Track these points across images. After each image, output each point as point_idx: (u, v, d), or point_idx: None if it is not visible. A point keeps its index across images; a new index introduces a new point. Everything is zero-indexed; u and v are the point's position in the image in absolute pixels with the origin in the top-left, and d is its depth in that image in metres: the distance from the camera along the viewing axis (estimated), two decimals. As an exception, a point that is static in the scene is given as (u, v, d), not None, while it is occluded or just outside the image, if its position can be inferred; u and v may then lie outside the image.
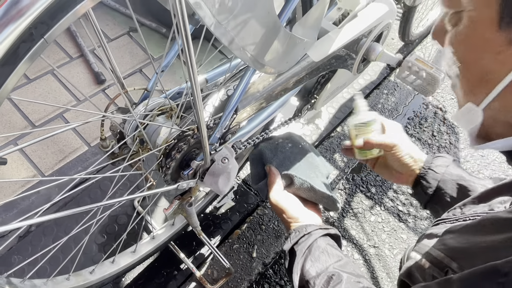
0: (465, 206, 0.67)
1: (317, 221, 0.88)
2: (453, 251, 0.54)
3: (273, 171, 0.91)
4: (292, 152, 1.00)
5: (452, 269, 0.52)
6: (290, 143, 1.02)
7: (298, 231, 0.81)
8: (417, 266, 0.62)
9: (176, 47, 0.81)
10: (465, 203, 0.68)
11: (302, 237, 0.79)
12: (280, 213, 0.88)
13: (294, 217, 0.86)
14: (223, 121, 0.73)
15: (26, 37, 0.41)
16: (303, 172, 0.95)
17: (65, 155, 1.33)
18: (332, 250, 0.77)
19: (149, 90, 0.80)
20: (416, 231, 1.42)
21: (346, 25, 0.97)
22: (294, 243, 0.79)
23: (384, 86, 1.86)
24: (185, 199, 0.81)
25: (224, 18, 0.54)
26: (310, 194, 0.92)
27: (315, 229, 0.80)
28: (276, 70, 0.74)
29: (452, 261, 0.53)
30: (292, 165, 0.96)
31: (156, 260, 1.21)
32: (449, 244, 0.57)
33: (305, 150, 1.03)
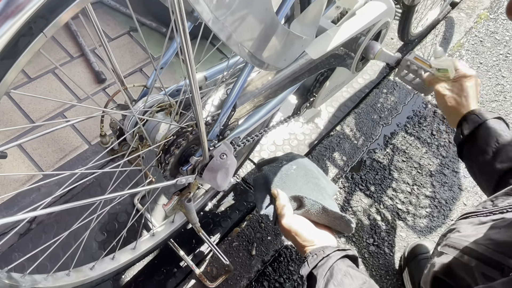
0: (497, 199, 0.66)
1: (333, 242, 0.85)
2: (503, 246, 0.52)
3: (281, 194, 0.89)
4: (297, 175, 0.97)
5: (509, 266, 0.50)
6: (294, 164, 0.99)
7: (315, 254, 0.78)
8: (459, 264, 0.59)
9: (175, 44, 0.82)
10: (497, 196, 0.66)
11: (320, 260, 0.76)
12: (293, 238, 0.85)
13: (309, 240, 0.82)
14: (221, 117, 0.74)
15: (25, 31, 0.42)
16: (311, 193, 0.92)
17: (66, 153, 1.34)
18: (355, 273, 0.74)
19: (148, 87, 0.81)
20: (415, 230, 1.43)
21: (344, 23, 0.98)
22: (313, 267, 0.76)
23: (384, 85, 1.86)
24: (184, 195, 0.81)
25: (222, 13, 0.55)
26: (322, 216, 0.89)
27: (333, 251, 0.77)
28: (274, 67, 0.75)
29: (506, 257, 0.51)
30: (299, 187, 0.93)
31: (155, 258, 1.21)
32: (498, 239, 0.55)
33: (310, 171, 1.00)
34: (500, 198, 0.64)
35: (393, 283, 1.29)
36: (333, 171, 1.52)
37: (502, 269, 0.50)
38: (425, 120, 1.79)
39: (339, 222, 0.89)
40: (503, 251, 0.52)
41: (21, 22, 0.41)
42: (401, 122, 1.77)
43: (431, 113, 1.82)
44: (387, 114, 1.76)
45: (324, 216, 0.88)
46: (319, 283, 0.73)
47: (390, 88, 1.86)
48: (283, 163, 0.98)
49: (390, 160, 1.62)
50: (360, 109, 1.74)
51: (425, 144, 1.70)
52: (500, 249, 0.53)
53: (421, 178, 1.58)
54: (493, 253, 0.53)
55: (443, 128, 1.77)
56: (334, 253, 0.77)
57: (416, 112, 1.81)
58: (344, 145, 1.60)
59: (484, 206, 0.65)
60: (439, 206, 1.51)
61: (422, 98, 1.88)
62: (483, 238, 0.57)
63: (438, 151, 1.68)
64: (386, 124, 1.73)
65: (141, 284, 1.17)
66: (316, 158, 1.54)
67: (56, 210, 0.57)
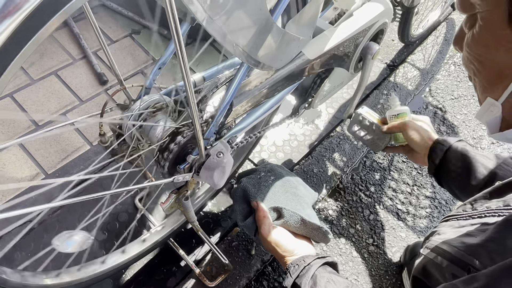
0: (476, 202, 0.67)
1: (312, 251, 0.87)
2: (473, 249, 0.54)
3: (260, 206, 0.90)
4: (276, 185, 0.98)
5: (474, 267, 0.52)
6: (272, 175, 1.01)
7: (297, 265, 0.80)
8: (433, 264, 0.61)
9: (173, 45, 0.83)
10: (476, 199, 0.68)
11: (302, 269, 0.78)
12: (274, 248, 0.87)
13: (289, 250, 0.84)
14: (218, 116, 0.74)
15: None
16: (290, 204, 0.93)
17: (68, 154, 1.35)
18: (338, 278, 0.75)
19: (147, 87, 0.82)
20: (415, 230, 1.43)
21: (342, 24, 0.99)
22: (295, 277, 0.78)
23: (384, 86, 1.87)
24: (182, 193, 0.82)
25: (216, 13, 0.56)
26: (300, 227, 0.90)
27: (314, 259, 0.79)
28: (270, 66, 0.76)
29: (473, 259, 0.53)
30: (278, 198, 0.95)
31: (155, 257, 1.22)
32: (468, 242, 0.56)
33: (288, 181, 1.01)
34: (479, 202, 0.65)
35: (393, 283, 1.30)
36: (333, 171, 1.52)
37: (468, 269, 0.53)
38: (426, 121, 1.79)
39: (317, 233, 0.92)
40: (471, 253, 0.54)
41: (19, 20, 0.42)
42: (401, 123, 1.77)
43: (432, 114, 1.82)
44: (388, 115, 1.76)
45: (302, 227, 0.90)
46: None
47: (391, 90, 1.86)
48: (261, 174, 1.00)
49: (390, 160, 1.62)
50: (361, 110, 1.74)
51: (425, 145, 1.70)
52: (469, 251, 0.55)
53: (421, 178, 1.58)
54: (463, 254, 0.55)
55: (444, 129, 1.77)
56: (314, 261, 0.79)
57: (416, 113, 1.82)
58: (344, 146, 1.60)
59: (464, 209, 0.66)
60: (439, 206, 1.51)
61: (422, 99, 1.88)
62: (456, 240, 0.59)
63: (439, 152, 1.68)
64: (386, 125, 1.73)
65: (141, 283, 1.18)
66: (316, 159, 1.54)
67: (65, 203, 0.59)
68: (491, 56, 0.49)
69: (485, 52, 0.49)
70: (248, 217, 0.93)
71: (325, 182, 1.49)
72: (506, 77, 0.49)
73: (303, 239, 0.92)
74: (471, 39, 0.50)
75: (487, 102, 0.53)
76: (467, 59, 0.53)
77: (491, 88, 0.52)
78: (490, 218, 0.59)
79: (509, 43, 0.46)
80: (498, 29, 0.46)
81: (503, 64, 0.48)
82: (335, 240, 1.36)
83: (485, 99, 0.53)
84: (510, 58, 0.47)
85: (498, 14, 0.45)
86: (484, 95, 0.53)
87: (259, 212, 0.90)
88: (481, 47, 0.50)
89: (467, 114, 1.85)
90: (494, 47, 0.48)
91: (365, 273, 1.30)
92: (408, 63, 2.00)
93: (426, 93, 1.92)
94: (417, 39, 2.08)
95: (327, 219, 1.41)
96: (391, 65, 2.00)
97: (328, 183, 1.49)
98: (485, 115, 0.54)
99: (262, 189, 0.95)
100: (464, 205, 0.69)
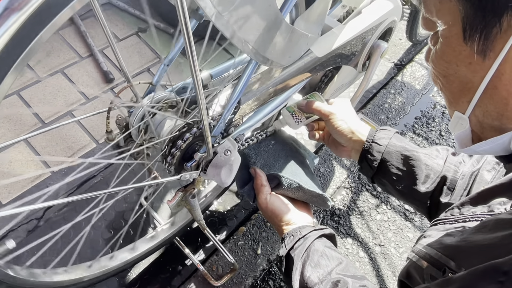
0: (463, 206, 0.67)
1: (309, 221, 0.86)
2: (450, 250, 0.54)
3: (258, 173, 0.89)
4: (275, 150, 0.96)
5: (450, 268, 0.52)
6: (272, 139, 0.98)
7: (292, 235, 0.79)
8: (415, 267, 0.62)
9: (180, 43, 0.83)
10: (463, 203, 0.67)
11: (297, 241, 0.77)
12: (271, 217, 0.86)
13: (285, 220, 0.84)
14: (225, 114, 0.74)
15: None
16: (289, 170, 0.92)
17: (74, 151, 1.35)
18: (331, 253, 0.75)
19: (154, 84, 0.82)
20: (423, 230, 1.41)
21: (350, 21, 0.98)
22: (290, 248, 0.77)
23: (391, 85, 1.85)
24: (188, 191, 0.82)
25: (225, 9, 0.55)
26: (299, 194, 0.89)
27: (310, 231, 0.79)
28: (278, 64, 0.75)
29: (449, 260, 0.53)
30: (277, 164, 0.93)
31: (161, 256, 1.22)
32: (446, 243, 0.57)
33: (288, 145, 0.99)
34: (466, 207, 0.64)
35: (400, 284, 1.28)
36: (340, 171, 1.51)
37: (444, 270, 0.52)
38: (434, 121, 1.78)
39: (316, 199, 0.90)
40: (447, 254, 0.54)
41: (27, 14, 0.42)
42: (409, 122, 1.75)
43: (440, 113, 1.81)
44: (395, 115, 1.75)
45: (301, 194, 0.89)
46: (296, 264, 0.75)
47: (398, 89, 1.85)
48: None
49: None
50: (368, 110, 1.73)
51: (433, 144, 1.69)
52: (446, 252, 0.55)
53: (429, 179, 1.57)
54: (440, 256, 0.55)
55: (452, 129, 1.75)
56: (311, 233, 0.78)
57: (424, 112, 1.80)
58: (351, 145, 1.59)
59: (451, 213, 0.66)
60: (447, 207, 1.49)
61: (430, 98, 1.86)
62: (436, 242, 0.59)
63: (447, 152, 1.67)
64: (393, 124, 1.72)
65: (146, 282, 1.18)
66: (323, 158, 1.53)
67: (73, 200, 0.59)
68: (453, 71, 0.51)
69: (448, 68, 0.51)
70: (247, 184, 0.91)
71: (332, 182, 1.48)
72: (469, 90, 0.50)
73: (303, 205, 0.91)
74: (435, 55, 0.53)
75: (455, 115, 0.54)
76: (433, 74, 0.55)
77: (457, 102, 0.54)
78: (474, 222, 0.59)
79: (467, 59, 0.48)
80: (457, 45, 0.48)
81: (465, 78, 0.50)
82: (341, 240, 1.35)
83: (453, 113, 0.55)
84: (470, 72, 0.49)
85: (454, 31, 0.47)
86: (452, 109, 0.55)
87: (257, 179, 0.88)
88: (443, 63, 0.51)
89: (476, 114, 1.83)
90: (455, 62, 0.50)
91: (372, 274, 1.29)
92: (416, 62, 1.98)
93: (434, 92, 1.90)
94: (425, 38, 2.06)
95: (333, 219, 1.40)
96: (398, 64, 1.99)
97: (334, 182, 1.48)
98: (455, 128, 0.55)
99: (262, 154, 0.93)
100: (452, 209, 0.69)
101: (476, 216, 0.60)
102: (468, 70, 0.49)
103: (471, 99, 0.50)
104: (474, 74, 0.49)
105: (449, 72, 0.52)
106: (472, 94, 0.50)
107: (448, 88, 0.54)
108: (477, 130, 0.54)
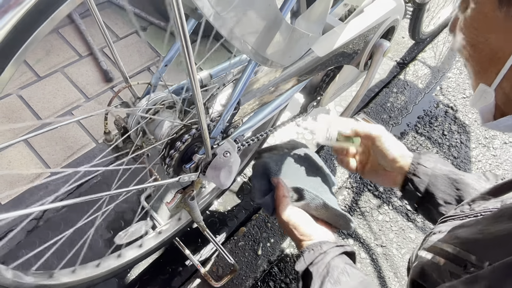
0: (474, 203, 0.65)
1: (331, 238, 0.82)
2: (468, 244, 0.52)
3: (281, 184, 0.85)
4: (299, 164, 0.93)
5: (471, 262, 0.50)
6: (296, 153, 0.95)
7: (312, 250, 0.75)
8: (430, 265, 0.59)
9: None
10: (474, 199, 0.65)
11: (317, 256, 0.73)
12: (291, 230, 0.82)
13: (306, 234, 0.79)
14: (224, 115, 0.73)
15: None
16: (312, 186, 0.88)
17: (73, 151, 1.34)
18: (352, 270, 0.71)
19: (152, 85, 0.81)
20: (425, 231, 1.40)
21: (352, 20, 0.96)
22: (309, 263, 0.73)
23: (394, 84, 1.84)
24: (187, 193, 0.81)
25: (223, 9, 0.54)
26: (321, 211, 0.85)
27: (331, 247, 0.75)
28: (278, 64, 0.74)
29: (469, 254, 0.51)
30: (300, 178, 0.90)
31: (161, 256, 1.21)
32: (462, 237, 0.55)
33: (312, 161, 0.97)
34: (477, 202, 0.62)
35: (401, 285, 1.27)
36: (341, 171, 1.50)
37: (465, 265, 0.50)
38: (436, 120, 1.76)
39: (338, 219, 0.86)
40: (466, 248, 0.52)
41: (23, 11, 0.41)
42: (411, 122, 1.74)
43: (443, 113, 1.79)
44: (397, 114, 1.73)
45: (323, 211, 0.85)
46: (315, 280, 0.71)
47: (401, 88, 1.83)
48: (284, 151, 0.94)
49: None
50: (370, 109, 1.72)
51: (436, 144, 1.67)
52: (464, 246, 0.52)
53: (432, 179, 1.55)
54: (459, 251, 0.53)
55: (455, 128, 1.74)
56: (331, 249, 0.74)
57: (427, 112, 1.78)
58: (353, 145, 1.58)
59: (462, 210, 0.64)
60: (449, 207, 1.48)
61: (433, 97, 1.85)
62: (452, 238, 0.57)
63: (450, 151, 1.65)
64: (396, 123, 1.71)
65: (146, 283, 1.17)
66: (324, 157, 1.52)
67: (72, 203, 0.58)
68: (483, 39, 0.48)
69: (477, 35, 0.49)
70: (266, 195, 0.87)
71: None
72: (499, 61, 0.47)
73: (324, 224, 0.87)
74: (464, 22, 0.50)
75: (479, 88, 0.51)
76: (459, 44, 0.52)
77: (484, 73, 0.51)
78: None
79: (500, 26, 0.45)
80: (490, 11, 0.45)
81: (495, 47, 0.47)
82: (342, 240, 1.34)
83: (478, 85, 0.52)
84: (501, 41, 0.46)
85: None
86: (477, 81, 0.52)
87: (279, 190, 0.84)
88: (473, 30, 0.49)
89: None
90: (485, 30, 0.47)
91: (374, 275, 1.28)
92: (419, 61, 1.96)
93: (437, 91, 1.88)
94: (428, 37, 2.05)
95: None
96: (401, 63, 1.97)
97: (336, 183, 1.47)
98: (478, 102, 0.52)
99: (284, 167, 0.89)
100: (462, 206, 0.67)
101: (489, 210, 0.58)
102: (500, 38, 0.46)
103: (500, 70, 0.48)
104: (506, 43, 0.46)
105: (479, 40, 0.49)
106: (502, 65, 0.47)
107: (476, 58, 0.51)
108: (501, 104, 0.51)
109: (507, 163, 1.66)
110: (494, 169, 1.64)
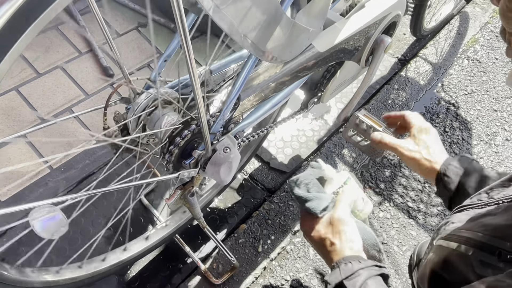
0: (492, 190, 0.63)
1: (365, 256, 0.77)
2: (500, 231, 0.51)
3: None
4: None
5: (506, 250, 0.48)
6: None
7: (350, 263, 0.70)
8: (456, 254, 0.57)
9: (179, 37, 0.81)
10: (492, 187, 0.64)
11: (355, 271, 0.68)
12: (337, 232, 0.77)
13: (351, 239, 0.75)
14: (224, 110, 0.72)
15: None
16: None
17: (73, 148, 1.34)
18: None
19: (152, 80, 0.80)
20: (426, 228, 1.39)
21: (353, 15, 0.95)
22: (344, 277, 0.68)
23: (395, 81, 1.83)
24: (187, 189, 0.80)
25: (223, 2, 0.53)
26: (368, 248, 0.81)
27: (371, 265, 0.70)
28: (279, 59, 0.73)
29: (503, 241, 0.49)
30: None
31: (161, 253, 1.21)
32: (491, 224, 0.53)
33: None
34: (496, 190, 0.61)
35: (403, 282, 1.27)
36: (342, 168, 1.49)
37: (499, 253, 0.48)
38: (438, 117, 1.75)
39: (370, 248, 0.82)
40: (499, 235, 0.50)
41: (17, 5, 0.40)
42: (412, 118, 1.73)
43: (444, 110, 1.78)
44: (399, 111, 1.72)
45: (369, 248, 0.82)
46: None
47: (402, 84, 1.82)
48: None
49: (401, 157, 1.58)
50: (371, 106, 1.71)
51: (437, 141, 1.66)
52: (496, 233, 0.51)
53: (433, 176, 1.55)
54: (489, 238, 0.51)
55: (456, 125, 1.73)
56: (370, 268, 0.69)
57: (428, 108, 1.78)
58: (354, 141, 1.57)
59: (479, 199, 0.62)
60: (451, 204, 1.47)
61: (435, 94, 1.84)
62: (478, 225, 0.55)
63: (451, 148, 1.64)
64: (397, 120, 1.70)
65: (146, 280, 1.16)
66: (325, 154, 1.52)
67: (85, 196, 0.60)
68: None
69: None
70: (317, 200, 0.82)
71: (334, 179, 1.46)
72: None
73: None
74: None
75: None
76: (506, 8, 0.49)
77: None
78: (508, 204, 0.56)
79: None
80: None
81: None
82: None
83: None
84: None
85: None
86: None
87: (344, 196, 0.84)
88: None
89: (481, 110, 1.80)
90: None
91: (375, 272, 1.28)
92: (420, 58, 1.95)
93: (439, 88, 1.87)
94: (429, 33, 2.04)
95: (335, 217, 1.39)
96: (402, 60, 1.96)
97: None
98: None
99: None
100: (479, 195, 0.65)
101: (510, 197, 0.57)
102: None
103: None
104: None
105: None
106: None
107: None
108: None
109: (509, 160, 1.65)
110: (496, 166, 1.64)
